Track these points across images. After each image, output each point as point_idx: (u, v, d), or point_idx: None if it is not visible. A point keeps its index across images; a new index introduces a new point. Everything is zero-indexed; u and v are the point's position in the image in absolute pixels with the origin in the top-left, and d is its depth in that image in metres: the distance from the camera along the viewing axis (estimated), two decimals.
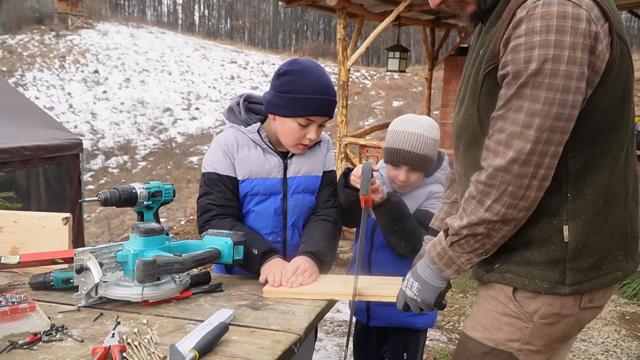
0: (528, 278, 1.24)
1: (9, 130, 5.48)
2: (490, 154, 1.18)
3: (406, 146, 1.83)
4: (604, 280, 1.24)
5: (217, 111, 24.84)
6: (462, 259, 1.26)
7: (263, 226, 1.84)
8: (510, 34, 1.13)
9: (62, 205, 5.81)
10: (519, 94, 1.12)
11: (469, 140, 1.31)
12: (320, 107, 1.73)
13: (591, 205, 1.21)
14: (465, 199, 1.23)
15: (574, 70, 1.08)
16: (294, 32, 53.75)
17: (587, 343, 3.61)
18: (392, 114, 19.79)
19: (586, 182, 1.20)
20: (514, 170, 1.13)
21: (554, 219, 1.21)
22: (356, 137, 6.25)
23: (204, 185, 1.83)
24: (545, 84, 1.09)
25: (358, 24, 6.18)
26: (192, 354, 1.13)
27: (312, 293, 1.58)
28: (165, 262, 1.41)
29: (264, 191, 1.82)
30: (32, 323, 1.29)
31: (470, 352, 1.34)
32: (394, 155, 1.86)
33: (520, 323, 1.27)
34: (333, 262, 1.82)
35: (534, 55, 1.09)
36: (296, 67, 1.75)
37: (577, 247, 1.21)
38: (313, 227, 1.84)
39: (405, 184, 1.90)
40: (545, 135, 1.11)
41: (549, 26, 1.08)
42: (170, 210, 11.91)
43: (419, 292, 1.37)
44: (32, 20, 36.69)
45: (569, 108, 1.10)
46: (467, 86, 1.30)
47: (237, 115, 1.88)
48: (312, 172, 1.89)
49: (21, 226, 1.88)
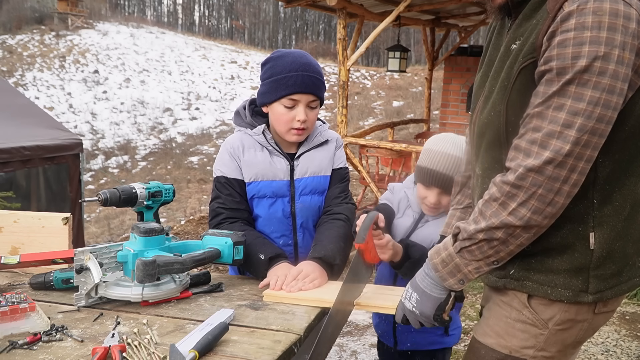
0: (550, 287, 1.20)
1: (9, 130, 5.48)
2: (520, 154, 1.11)
3: (441, 168, 1.72)
4: (624, 287, 1.22)
5: (217, 111, 24.84)
6: (470, 267, 1.19)
7: (273, 230, 1.82)
8: (556, 27, 1.07)
9: (62, 205, 5.80)
10: (563, 91, 1.06)
11: (491, 140, 1.25)
12: (299, 83, 1.70)
13: (618, 212, 1.17)
14: (485, 201, 1.16)
15: (621, 71, 1.04)
16: (294, 32, 53.73)
17: (587, 343, 3.60)
18: (392, 114, 19.80)
19: (613, 187, 1.16)
20: (547, 172, 1.07)
21: (579, 226, 1.17)
22: (356, 137, 6.25)
23: (215, 190, 1.82)
24: (592, 82, 1.04)
25: (358, 24, 6.18)
26: (192, 354, 1.13)
27: (309, 299, 1.52)
28: (165, 262, 1.41)
29: (270, 194, 1.80)
30: (32, 323, 1.29)
31: (482, 358, 1.31)
32: (426, 176, 1.75)
33: (535, 330, 1.24)
34: (345, 263, 1.75)
35: (583, 51, 1.03)
36: (276, 54, 1.79)
37: (602, 255, 1.17)
38: (323, 229, 1.80)
39: (435, 206, 1.78)
40: (586, 137, 1.05)
41: (601, 22, 1.03)
42: (170, 210, 11.91)
43: (417, 304, 1.29)
44: (32, 20, 36.66)
45: (611, 110, 1.06)
46: (495, 83, 1.23)
47: (243, 119, 1.88)
48: (320, 172, 1.86)
49: (21, 226, 1.88)
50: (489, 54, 1.33)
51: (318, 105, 1.79)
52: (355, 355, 3.41)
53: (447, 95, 8.32)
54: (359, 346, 3.54)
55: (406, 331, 1.85)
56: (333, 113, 20.75)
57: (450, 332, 1.90)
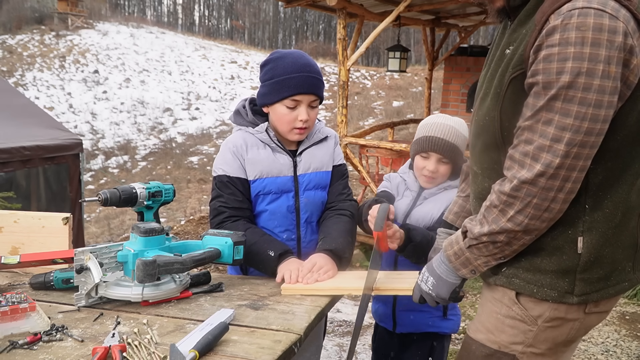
0: (537, 286, 1.23)
1: (9, 130, 5.48)
2: (515, 165, 1.16)
3: (438, 134, 1.82)
4: (611, 291, 1.23)
5: (217, 111, 24.84)
6: (479, 261, 1.26)
7: (277, 225, 1.85)
8: (542, 41, 1.09)
9: (62, 205, 5.81)
10: (549, 106, 1.09)
11: (487, 142, 1.29)
12: (300, 84, 1.74)
13: (609, 219, 1.19)
14: (487, 207, 1.22)
15: (607, 85, 1.06)
16: (294, 32, 53.74)
17: (587, 343, 3.61)
18: (392, 114, 19.78)
19: (606, 195, 1.18)
20: (540, 183, 1.11)
21: (569, 229, 1.20)
22: (356, 137, 6.25)
23: (215, 189, 1.84)
24: (578, 98, 1.06)
25: (358, 24, 6.18)
26: (192, 354, 1.13)
27: (328, 289, 1.59)
28: (165, 262, 1.41)
29: (275, 190, 1.83)
30: (32, 323, 1.29)
31: (473, 354, 1.34)
32: (424, 143, 1.84)
33: (524, 326, 1.26)
34: (352, 257, 1.84)
35: (567, 67, 1.05)
36: (275, 55, 1.82)
37: (589, 259, 1.19)
38: (330, 223, 1.86)
39: (433, 174, 1.86)
40: (575, 150, 1.08)
41: (585, 38, 1.04)
42: (170, 210, 11.91)
43: (433, 287, 1.37)
44: (32, 20, 36.66)
45: (600, 123, 1.08)
46: (490, 85, 1.26)
47: (244, 117, 1.90)
48: (322, 168, 1.91)
49: (21, 226, 1.88)
50: (491, 54, 1.35)
51: (318, 104, 1.83)
52: (355, 355, 3.41)
53: (447, 95, 8.32)
54: (359, 346, 3.53)
55: (405, 313, 1.94)
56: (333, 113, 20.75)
57: (449, 316, 1.94)
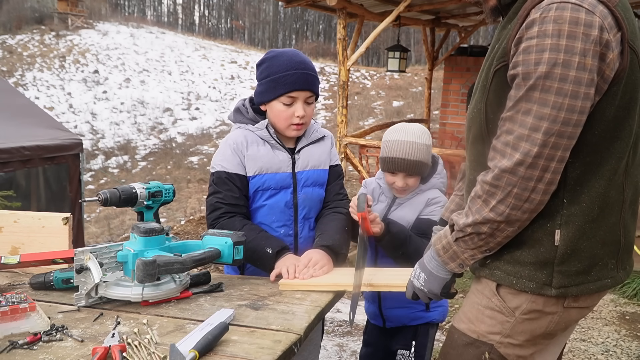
0: (516, 277, 1.26)
1: (9, 130, 5.48)
2: (497, 155, 1.19)
3: (400, 154, 1.91)
4: (592, 287, 1.25)
5: (217, 111, 24.86)
6: (466, 254, 1.28)
7: (274, 220, 1.88)
8: (522, 34, 1.14)
9: (62, 205, 5.81)
10: (528, 96, 1.13)
11: (475, 134, 1.33)
12: (296, 80, 1.78)
13: (585, 213, 1.22)
14: (472, 197, 1.25)
15: (583, 77, 1.09)
16: (294, 32, 53.75)
17: (587, 343, 3.61)
18: (392, 114, 19.80)
19: (583, 189, 1.21)
20: (520, 172, 1.14)
21: (548, 222, 1.23)
22: (356, 137, 6.26)
23: (212, 184, 1.86)
24: (555, 89, 1.10)
25: (358, 24, 6.18)
26: (192, 354, 1.13)
27: (325, 285, 1.62)
28: (165, 262, 1.41)
29: (274, 185, 1.86)
30: (32, 323, 1.29)
31: (455, 342, 1.39)
32: (389, 164, 1.94)
33: (501, 317, 1.30)
34: (348, 253, 1.87)
35: (544, 58, 1.09)
36: (271, 54, 1.86)
37: (566, 252, 1.22)
38: (327, 220, 1.90)
39: (404, 188, 1.97)
40: (553, 140, 1.12)
41: (561, 30, 1.08)
42: (170, 210, 11.92)
43: (425, 283, 1.40)
44: (32, 20, 36.69)
45: (577, 113, 1.11)
46: (479, 80, 1.31)
47: (244, 115, 1.93)
48: (319, 165, 1.96)
49: (21, 226, 1.88)
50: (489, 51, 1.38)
51: (314, 100, 1.87)
52: (355, 355, 3.42)
53: (447, 95, 8.31)
54: (358, 346, 3.53)
55: (390, 310, 2.04)
56: (333, 113, 20.77)
57: (432, 308, 2.02)
